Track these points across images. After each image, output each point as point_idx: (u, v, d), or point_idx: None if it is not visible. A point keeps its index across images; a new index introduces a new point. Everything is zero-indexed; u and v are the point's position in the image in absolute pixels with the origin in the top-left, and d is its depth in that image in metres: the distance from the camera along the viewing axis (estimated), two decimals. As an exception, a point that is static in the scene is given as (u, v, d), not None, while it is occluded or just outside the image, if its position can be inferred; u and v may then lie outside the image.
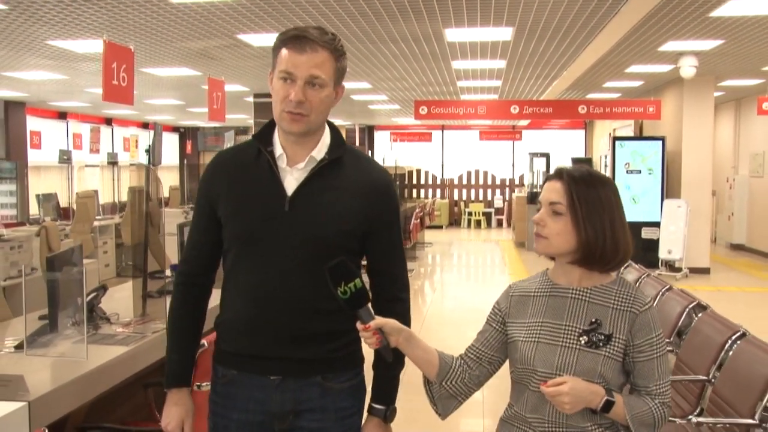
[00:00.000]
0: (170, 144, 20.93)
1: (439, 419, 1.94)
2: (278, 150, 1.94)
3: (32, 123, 14.50)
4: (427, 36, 7.62)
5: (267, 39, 7.53)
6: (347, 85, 11.59)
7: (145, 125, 19.83)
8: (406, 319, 1.99)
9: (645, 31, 7.38)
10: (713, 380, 3.44)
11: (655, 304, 4.47)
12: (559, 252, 1.80)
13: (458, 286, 11.40)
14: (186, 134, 21.60)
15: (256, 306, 1.92)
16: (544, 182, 1.85)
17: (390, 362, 1.91)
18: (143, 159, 18.21)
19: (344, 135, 18.90)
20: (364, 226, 1.95)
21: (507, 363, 1.91)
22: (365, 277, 1.93)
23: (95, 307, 3.56)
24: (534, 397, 1.77)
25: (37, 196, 10.67)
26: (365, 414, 2.05)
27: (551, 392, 1.68)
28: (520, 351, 1.80)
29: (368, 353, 1.98)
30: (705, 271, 11.22)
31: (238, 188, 1.94)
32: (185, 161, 18.87)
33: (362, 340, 1.79)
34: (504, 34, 7.51)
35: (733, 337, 3.47)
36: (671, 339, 4.19)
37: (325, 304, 1.88)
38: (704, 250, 11.43)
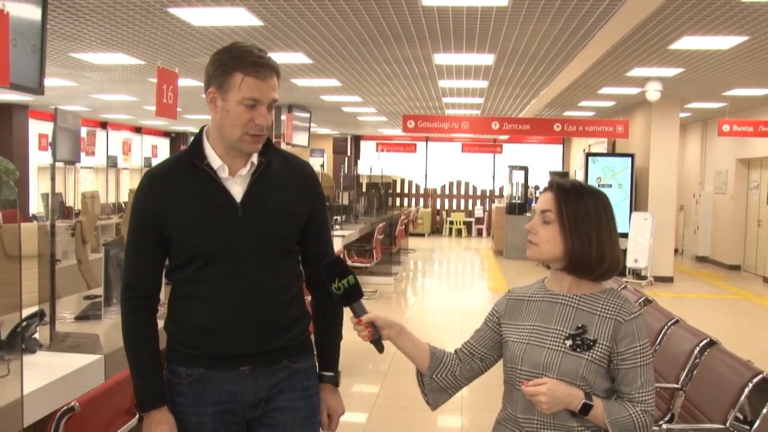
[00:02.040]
0: (162, 148, 21.51)
1: (424, 409, 2.06)
2: (216, 162, 1.99)
3: (32, 125, 15.06)
4: (417, 59, 8.34)
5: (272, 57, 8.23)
6: (339, 98, 12.33)
7: (137, 129, 20.36)
8: (340, 307, 2.16)
9: (613, 58, 8.09)
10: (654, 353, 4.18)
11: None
12: (547, 258, 1.87)
13: (439, 290, 11.96)
14: (177, 139, 22.14)
15: (228, 309, 1.97)
16: (541, 193, 1.95)
17: (336, 334, 2.16)
18: (137, 162, 18.76)
19: (333, 144, 19.40)
20: (305, 216, 2.07)
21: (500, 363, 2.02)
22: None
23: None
24: (523, 397, 1.81)
25: (43, 195, 11.18)
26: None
27: (530, 392, 1.76)
28: (510, 351, 1.88)
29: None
30: (669, 279, 11.94)
31: (185, 203, 1.97)
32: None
33: (356, 333, 1.89)
34: (486, 59, 8.24)
35: (669, 323, 4.24)
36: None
37: (286, 295, 2.03)
38: (668, 260, 12.17)
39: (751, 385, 3.11)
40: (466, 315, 8.70)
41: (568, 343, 1.80)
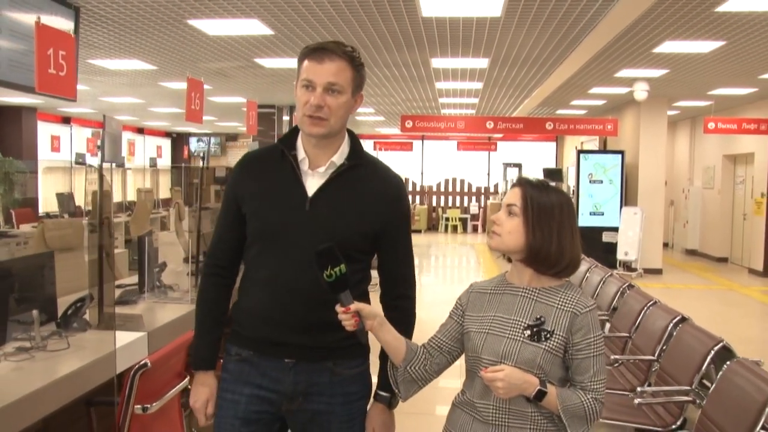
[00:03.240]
0: (165, 148, 21.92)
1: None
2: (301, 154, 2.05)
3: (41, 127, 15.46)
4: (416, 63, 8.80)
5: (278, 62, 8.69)
6: (340, 99, 12.79)
7: (140, 130, 20.77)
8: (411, 315, 2.20)
9: (601, 61, 8.54)
10: (633, 336, 4.66)
11: (615, 302, 5.50)
12: (508, 249, 1.93)
13: (437, 283, 12.42)
14: (178, 139, 22.56)
15: (275, 297, 2.02)
16: (510, 189, 2.02)
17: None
18: (143, 162, 19.16)
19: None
20: (376, 228, 2.05)
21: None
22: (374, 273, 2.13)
23: (159, 278, 4.61)
24: (481, 383, 1.90)
25: (58, 194, 11.60)
26: (371, 400, 2.17)
27: (488, 377, 1.83)
28: (472, 340, 1.95)
29: (375, 344, 2.08)
30: (658, 271, 12.36)
31: (263, 187, 2.05)
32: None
33: (341, 321, 1.89)
34: (481, 63, 8.71)
35: (649, 304, 4.72)
36: (607, 311, 5.41)
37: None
38: (657, 252, 12.59)
39: (713, 352, 3.59)
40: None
41: (527, 333, 1.88)
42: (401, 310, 2.15)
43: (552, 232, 1.88)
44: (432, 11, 6.06)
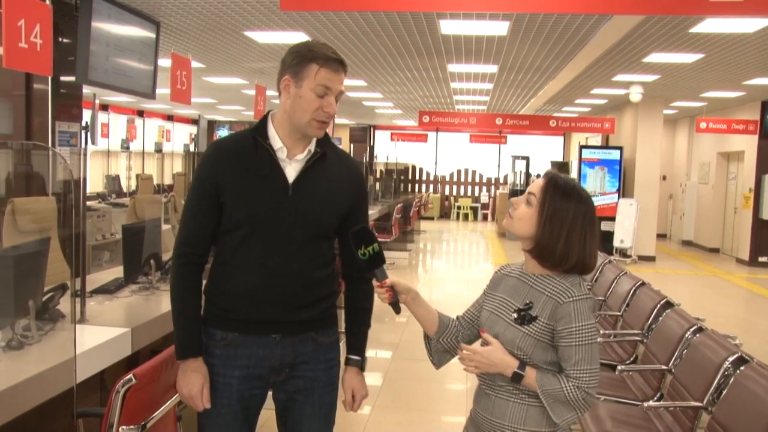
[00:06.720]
0: (194, 135, 23.07)
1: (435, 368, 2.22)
2: (277, 143, 2.10)
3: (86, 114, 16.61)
4: (434, 67, 9.91)
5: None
6: (363, 94, 13.94)
7: (169, 117, 21.89)
8: (371, 298, 2.27)
9: (599, 66, 9.49)
10: (622, 315, 5.77)
11: (612, 287, 6.29)
12: (517, 233, 1.97)
13: (448, 264, 13.40)
14: (208, 126, 23.67)
15: (263, 279, 2.09)
16: (538, 177, 2.04)
17: (365, 322, 2.29)
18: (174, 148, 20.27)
19: (350, 133, 20.82)
20: (346, 209, 2.19)
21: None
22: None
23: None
24: None
25: (106, 176, 12.75)
26: (342, 366, 2.29)
27: (470, 349, 1.97)
28: (482, 317, 2.05)
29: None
30: (651, 258, 13.31)
31: (242, 175, 2.09)
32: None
33: (376, 295, 2.01)
34: (491, 68, 9.82)
35: (620, 274, 5.84)
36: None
37: (318, 274, 2.15)
38: (651, 241, 13.50)
39: (659, 305, 4.70)
40: (471, 284, 10.13)
41: (514, 316, 1.94)
42: (364, 293, 2.27)
43: (561, 234, 1.88)
44: (450, 30, 7.21)
